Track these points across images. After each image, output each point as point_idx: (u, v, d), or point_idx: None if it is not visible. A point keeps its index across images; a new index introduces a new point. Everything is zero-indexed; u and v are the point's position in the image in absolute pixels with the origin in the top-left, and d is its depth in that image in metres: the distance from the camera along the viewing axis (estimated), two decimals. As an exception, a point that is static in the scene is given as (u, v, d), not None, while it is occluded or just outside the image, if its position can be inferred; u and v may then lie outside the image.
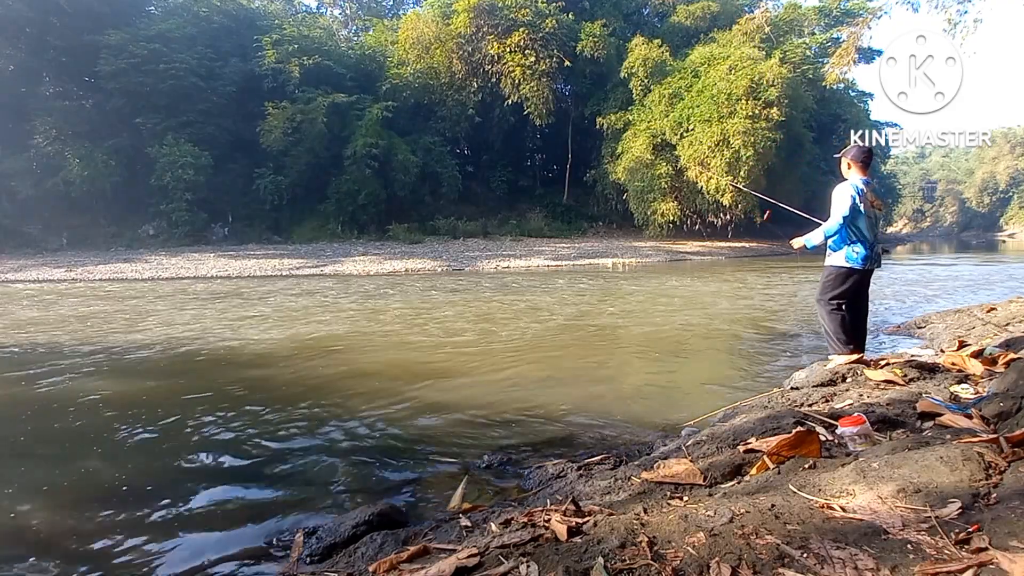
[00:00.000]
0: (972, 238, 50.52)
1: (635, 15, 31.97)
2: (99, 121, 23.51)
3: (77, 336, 6.71)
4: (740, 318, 7.30)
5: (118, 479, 2.75)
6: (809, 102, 25.71)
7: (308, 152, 23.73)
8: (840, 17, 28.94)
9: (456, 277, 15.08)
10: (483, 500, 2.38)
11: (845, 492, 1.53)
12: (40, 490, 2.65)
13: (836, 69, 13.66)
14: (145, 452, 3.10)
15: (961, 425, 2.06)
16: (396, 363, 5.17)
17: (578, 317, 7.67)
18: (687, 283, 12.35)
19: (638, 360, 5.27)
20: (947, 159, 71.70)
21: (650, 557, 1.28)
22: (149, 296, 11.19)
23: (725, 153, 22.20)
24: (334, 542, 2.00)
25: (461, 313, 8.24)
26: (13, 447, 3.26)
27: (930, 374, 3.12)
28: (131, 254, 19.81)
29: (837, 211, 3.59)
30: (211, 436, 3.29)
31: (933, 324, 5.93)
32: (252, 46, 24.57)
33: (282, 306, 9.32)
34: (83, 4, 22.51)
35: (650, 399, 3.90)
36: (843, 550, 1.24)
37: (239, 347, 5.95)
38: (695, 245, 24.70)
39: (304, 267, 17.53)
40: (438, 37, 26.68)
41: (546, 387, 4.23)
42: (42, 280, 15.07)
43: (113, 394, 4.23)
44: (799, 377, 3.64)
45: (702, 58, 25.11)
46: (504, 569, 1.34)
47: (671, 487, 1.95)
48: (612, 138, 26.89)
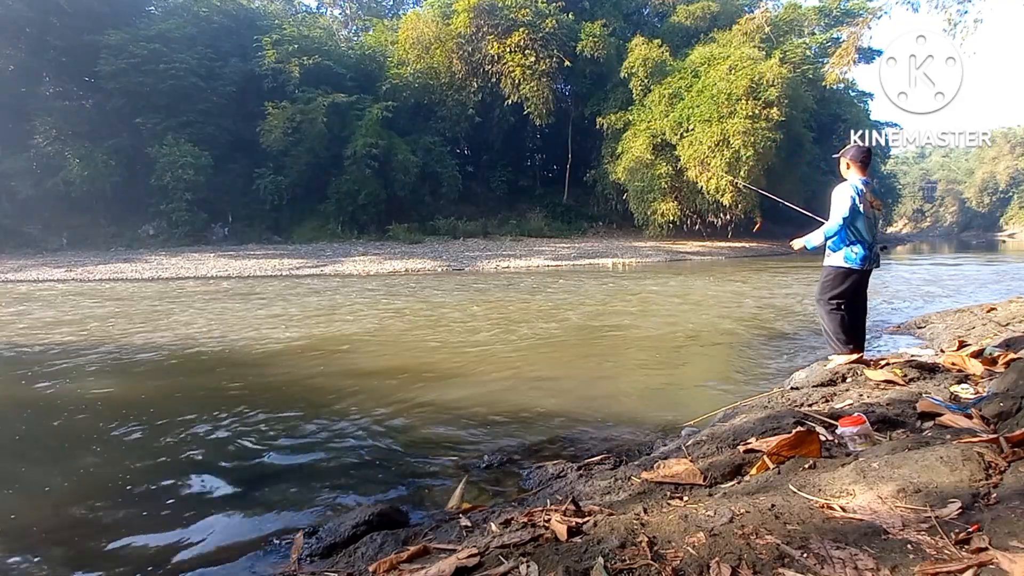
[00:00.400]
0: (972, 238, 50.51)
1: (635, 15, 31.97)
2: (99, 121, 23.50)
3: (95, 336, 6.72)
4: (740, 318, 7.30)
5: (119, 479, 2.75)
6: (809, 102, 25.71)
7: (308, 152, 23.73)
8: (840, 17, 28.93)
9: (456, 277, 15.08)
10: (483, 500, 2.38)
11: (845, 492, 1.53)
12: (43, 489, 2.65)
13: (836, 69, 13.66)
14: (146, 452, 3.10)
15: (961, 425, 2.06)
16: (395, 363, 5.17)
17: (577, 317, 7.67)
18: (687, 283, 12.35)
19: (638, 360, 5.27)
20: (947, 159, 71.68)
21: (650, 557, 1.28)
22: (153, 296, 11.19)
23: (725, 153, 22.20)
24: (334, 542, 2.00)
25: (461, 313, 8.24)
26: (42, 444, 3.26)
27: (930, 374, 3.12)
28: (131, 254, 19.81)
29: (837, 212, 3.59)
30: (211, 436, 3.29)
31: (933, 324, 5.93)
32: (252, 46, 24.56)
33: (282, 306, 9.32)
34: (83, 4, 22.50)
35: (650, 399, 3.90)
36: (843, 550, 1.24)
37: (239, 347, 5.95)
38: (695, 245, 24.70)
39: (304, 267, 17.53)
40: (438, 37, 26.68)
41: (546, 387, 4.23)
42: (42, 280, 15.07)
43: (113, 394, 4.23)
44: (799, 377, 3.64)
45: (702, 58, 25.11)
46: (504, 569, 1.34)
47: (671, 487, 1.95)
48: (612, 138, 26.88)
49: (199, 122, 23.47)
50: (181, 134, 22.82)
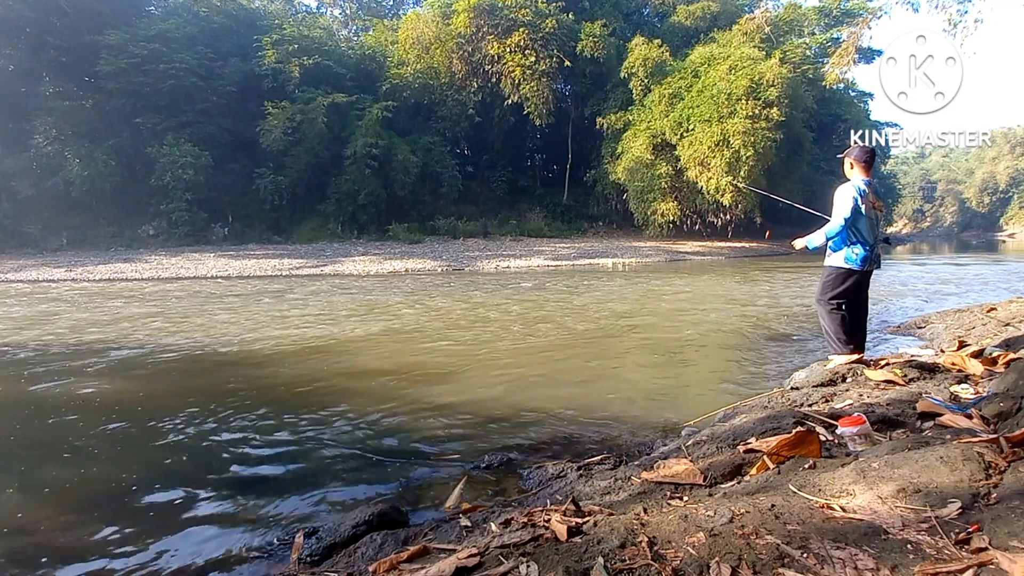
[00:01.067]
0: (972, 238, 50.51)
1: (635, 15, 31.96)
2: (99, 121, 23.49)
3: (109, 336, 6.73)
4: (740, 318, 7.30)
5: (119, 479, 2.75)
6: (809, 102, 25.70)
7: (308, 152, 23.73)
8: (840, 17, 28.94)
9: (456, 277, 15.08)
10: (483, 500, 2.38)
11: (845, 492, 1.53)
12: (45, 490, 2.65)
13: (836, 69, 13.66)
14: (146, 452, 3.10)
15: (961, 425, 2.06)
16: (395, 363, 5.17)
17: (577, 317, 7.66)
18: (687, 283, 12.35)
19: (638, 360, 5.27)
20: (947, 159, 71.68)
21: (650, 557, 1.28)
22: (157, 296, 11.19)
23: (725, 153, 22.20)
24: (334, 542, 2.00)
25: (461, 313, 8.23)
26: (63, 444, 3.26)
27: (930, 374, 3.12)
28: (131, 254, 19.80)
29: (839, 212, 3.59)
30: (212, 436, 3.29)
31: (933, 324, 5.93)
32: (252, 46, 24.54)
33: (284, 307, 9.32)
34: (83, 4, 22.49)
35: (650, 399, 3.90)
36: (843, 550, 1.24)
37: (239, 348, 5.95)
38: (695, 245, 24.70)
39: (304, 267, 17.53)
40: (438, 37, 26.67)
41: (546, 387, 4.23)
42: (42, 280, 15.07)
43: (116, 394, 4.23)
44: (799, 377, 3.64)
45: (702, 58, 25.10)
46: (504, 569, 1.33)
47: (671, 487, 1.95)
48: (612, 138, 26.88)
49: (199, 122, 23.46)
50: (181, 134, 22.81)
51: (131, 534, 2.23)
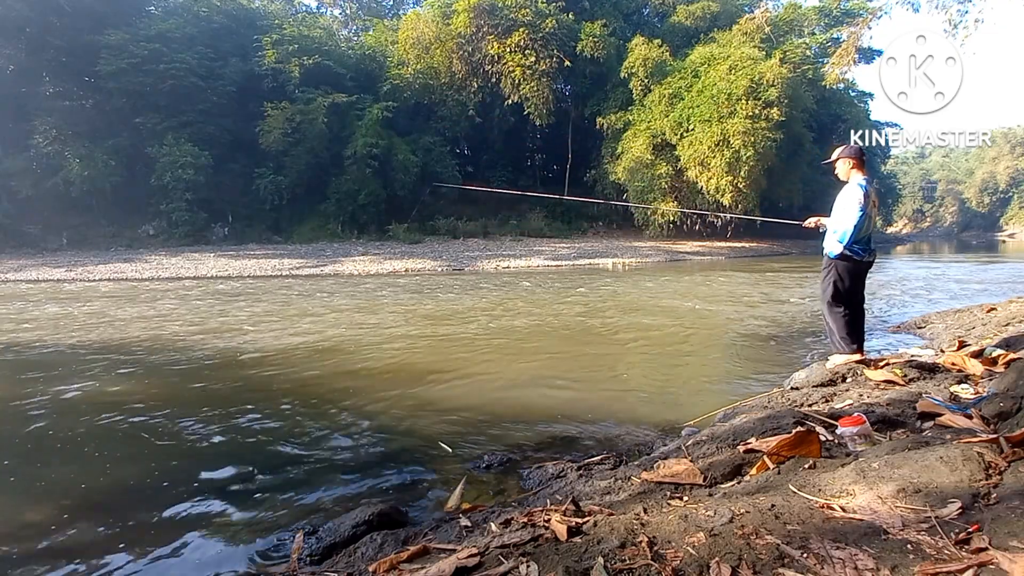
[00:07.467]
0: (972, 238, 50.50)
1: (635, 15, 31.95)
2: (99, 121, 23.48)
3: (95, 337, 6.73)
4: (740, 318, 7.30)
5: (119, 478, 2.76)
6: (809, 102, 25.70)
7: (308, 152, 23.72)
8: (840, 17, 28.94)
9: (456, 277, 15.07)
10: (483, 500, 2.38)
11: (845, 492, 1.53)
12: (46, 490, 2.65)
13: (836, 69, 13.65)
14: (147, 452, 3.10)
15: (961, 425, 2.07)
16: (395, 363, 5.16)
17: (577, 317, 7.66)
18: (687, 283, 12.35)
19: (638, 360, 5.27)
20: (947, 159, 71.65)
21: (650, 557, 1.28)
22: (159, 296, 11.19)
23: (725, 153, 22.21)
24: (334, 542, 2.00)
25: (461, 313, 8.23)
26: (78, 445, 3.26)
27: (930, 374, 3.12)
28: (131, 254, 19.80)
29: (850, 215, 3.59)
30: (212, 436, 3.29)
31: (933, 324, 5.93)
32: (252, 46, 24.53)
33: (283, 306, 9.32)
34: (83, 4, 22.48)
35: (650, 399, 3.90)
36: (843, 550, 1.24)
37: (239, 348, 5.95)
38: (695, 245, 24.70)
39: (304, 267, 17.52)
40: (438, 37, 26.66)
41: (546, 387, 4.23)
42: (42, 280, 15.07)
43: (115, 395, 4.23)
44: (799, 377, 3.64)
45: (702, 58, 25.10)
46: (504, 569, 1.33)
47: (671, 487, 1.95)
48: (612, 138, 26.88)
49: (199, 122, 23.46)
50: (181, 134, 22.81)
51: (131, 534, 2.23)
